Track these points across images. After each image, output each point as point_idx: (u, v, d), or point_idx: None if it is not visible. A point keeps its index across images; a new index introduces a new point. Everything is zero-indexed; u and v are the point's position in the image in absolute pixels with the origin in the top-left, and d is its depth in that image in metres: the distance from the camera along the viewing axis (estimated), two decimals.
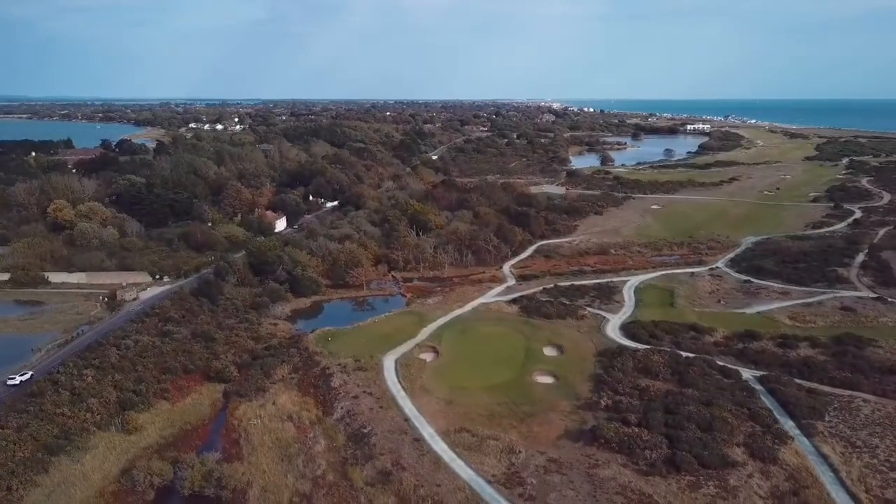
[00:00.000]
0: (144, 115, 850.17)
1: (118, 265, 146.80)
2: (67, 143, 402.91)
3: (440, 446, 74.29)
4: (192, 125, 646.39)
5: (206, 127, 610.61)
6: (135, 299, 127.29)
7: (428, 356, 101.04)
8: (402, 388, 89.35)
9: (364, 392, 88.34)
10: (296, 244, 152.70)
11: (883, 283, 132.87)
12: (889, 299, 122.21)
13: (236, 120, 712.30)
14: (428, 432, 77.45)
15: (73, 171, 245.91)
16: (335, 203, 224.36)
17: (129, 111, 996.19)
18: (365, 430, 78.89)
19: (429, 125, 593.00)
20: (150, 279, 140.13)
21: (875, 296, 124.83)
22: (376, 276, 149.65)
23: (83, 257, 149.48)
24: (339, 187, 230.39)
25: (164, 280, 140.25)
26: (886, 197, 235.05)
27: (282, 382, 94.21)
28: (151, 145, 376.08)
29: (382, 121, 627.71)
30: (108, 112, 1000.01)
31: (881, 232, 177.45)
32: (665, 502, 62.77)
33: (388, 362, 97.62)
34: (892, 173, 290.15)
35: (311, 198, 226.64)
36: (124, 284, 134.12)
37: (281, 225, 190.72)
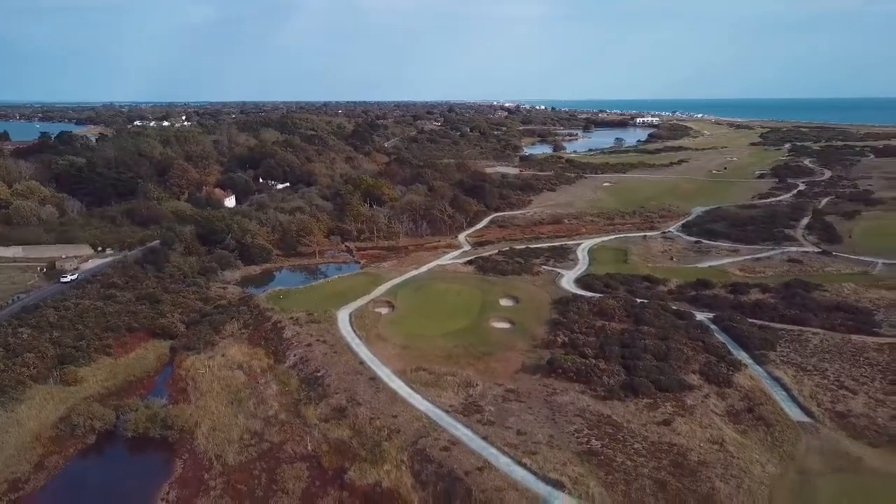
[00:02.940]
0: (87, 114, 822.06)
1: (57, 239, 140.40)
2: (3, 136, 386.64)
3: (396, 383, 72.50)
4: (138, 123, 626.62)
5: (153, 123, 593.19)
6: (76, 269, 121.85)
7: (383, 310, 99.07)
8: (357, 336, 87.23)
9: (317, 341, 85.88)
10: (245, 215, 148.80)
11: (827, 240, 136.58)
12: (833, 253, 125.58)
13: (183, 118, 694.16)
14: (384, 372, 75.58)
15: (10, 156, 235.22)
16: (286, 185, 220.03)
17: (70, 111, 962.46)
18: (319, 374, 76.58)
19: (381, 121, 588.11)
20: (91, 251, 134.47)
21: (819, 250, 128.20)
22: (329, 247, 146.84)
23: (19, 231, 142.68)
24: (290, 169, 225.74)
25: (108, 252, 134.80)
26: (827, 174, 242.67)
27: (232, 338, 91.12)
28: (94, 138, 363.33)
29: (334, 115, 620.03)
30: (49, 112, 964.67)
31: (824, 200, 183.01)
32: (624, 421, 62.37)
33: (343, 315, 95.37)
34: (831, 155, 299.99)
35: (261, 180, 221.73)
36: (64, 257, 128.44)
37: (230, 203, 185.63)
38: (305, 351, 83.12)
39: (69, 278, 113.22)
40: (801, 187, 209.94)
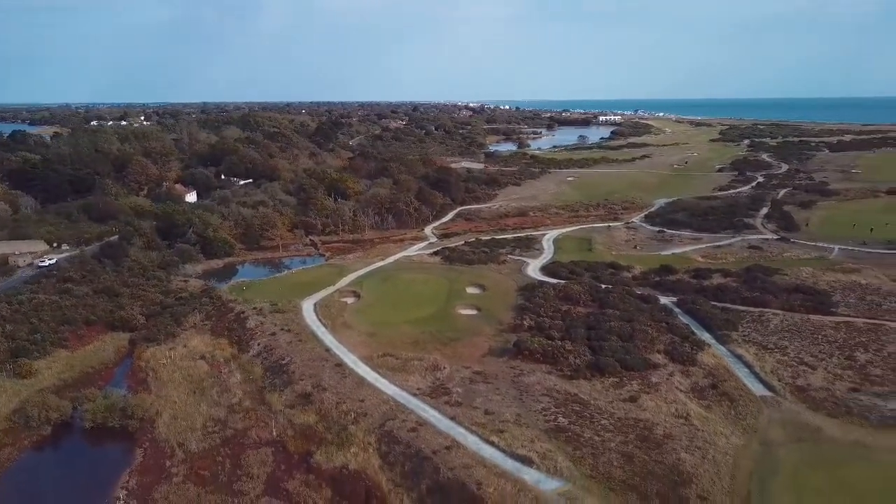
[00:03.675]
0: (41, 114, 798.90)
1: (10, 235, 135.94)
2: None
3: (363, 369, 71.75)
4: (94, 123, 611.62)
5: (110, 123, 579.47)
6: (29, 265, 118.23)
7: (349, 300, 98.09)
8: (322, 325, 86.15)
9: (282, 330, 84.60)
10: (206, 209, 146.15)
11: (785, 228, 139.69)
12: (791, 240, 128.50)
13: (142, 118, 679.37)
14: (350, 359, 74.72)
15: None
16: (249, 181, 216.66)
17: (24, 111, 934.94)
18: (283, 362, 75.38)
19: (345, 119, 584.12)
20: (46, 247, 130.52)
21: (778, 237, 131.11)
22: (293, 241, 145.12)
23: None
24: (252, 165, 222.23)
25: (64, 248, 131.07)
26: (784, 167, 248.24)
27: (194, 329, 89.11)
28: (48, 137, 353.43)
29: (297, 114, 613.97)
30: (2, 113, 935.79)
31: (782, 192, 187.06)
32: (590, 399, 62.67)
33: (307, 305, 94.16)
34: (788, 150, 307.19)
35: (223, 176, 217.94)
36: (17, 253, 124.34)
37: (191, 199, 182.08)
38: (269, 340, 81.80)
39: (47, 263, 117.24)
40: (760, 180, 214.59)
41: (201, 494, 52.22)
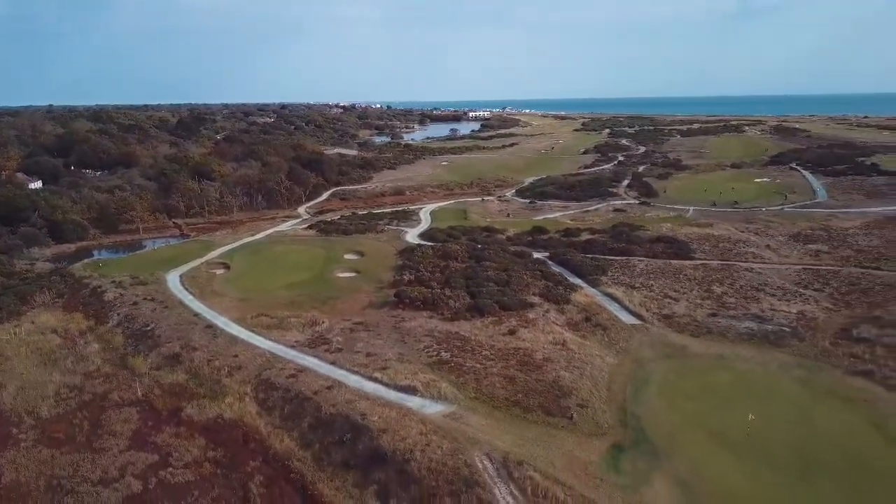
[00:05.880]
0: None
1: None
2: None
3: (236, 329, 67.99)
4: None
5: None
6: None
7: (218, 271, 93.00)
8: (190, 293, 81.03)
9: (145, 300, 78.68)
10: (54, 193, 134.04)
11: (646, 195, 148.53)
12: (651, 203, 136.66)
13: None
14: (221, 321, 70.60)
15: None
16: (104, 172, 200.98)
17: None
18: (148, 328, 70.06)
19: (209, 116, 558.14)
20: None
21: (640, 202, 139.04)
22: (156, 224, 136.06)
23: None
24: (107, 155, 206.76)
25: None
26: (642, 149, 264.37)
27: (43, 307, 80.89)
28: None
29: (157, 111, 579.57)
30: None
31: (641, 167, 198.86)
32: (471, 335, 62.92)
33: (172, 276, 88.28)
34: (645, 135, 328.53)
35: (73, 168, 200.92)
36: None
37: (37, 186, 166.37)
38: (131, 309, 75.82)
39: None
40: (621, 159, 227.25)
41: (55, 455, 47.05)
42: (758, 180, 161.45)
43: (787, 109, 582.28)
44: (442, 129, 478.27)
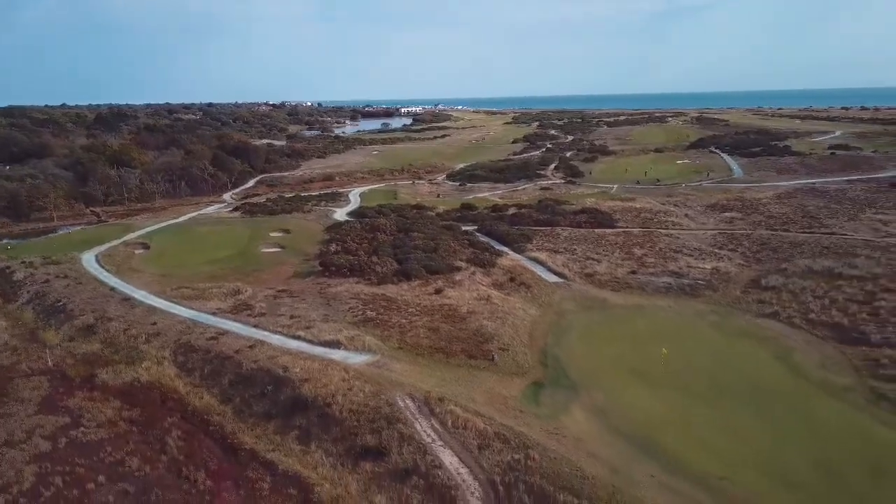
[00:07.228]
0: None
1: None
2: None
3: (154, 301, 65.94)
4: None
5: None
6: None
7: (137, 250, 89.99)
8: (106, 271, 78.14)
9: (57, 277, 75.41)
10: None
11: (572, 175, 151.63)
12: (577, 183, 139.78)
13: None
14: (140, 294, 68.39)
15: None
16: (15, 165, 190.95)
17: None
18: (60, 303, 67.19)
19: (130, 112, 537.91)
20: None
21: (566, 181, 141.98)
22: (72, 213, 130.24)
23: None
24: (18, 147, 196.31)
25: None
26: (570, 137, 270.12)
27: None
28: None
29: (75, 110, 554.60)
30: None
31: (569, 153, 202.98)
32: (397, 296, 62.99)
33: (88, 256, 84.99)
34: (573, 126, 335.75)
35: None
36: None
37: None
38: (42, 287, 72.56)
39: None
40: (549, 146, 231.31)
41: None
42: (679, 162, 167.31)
43: (709, 104, 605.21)
44: (374, 125, 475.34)
